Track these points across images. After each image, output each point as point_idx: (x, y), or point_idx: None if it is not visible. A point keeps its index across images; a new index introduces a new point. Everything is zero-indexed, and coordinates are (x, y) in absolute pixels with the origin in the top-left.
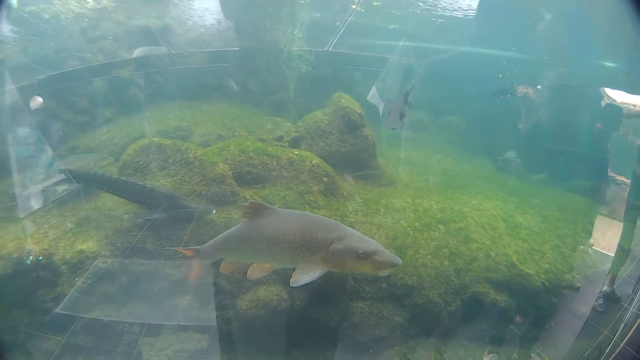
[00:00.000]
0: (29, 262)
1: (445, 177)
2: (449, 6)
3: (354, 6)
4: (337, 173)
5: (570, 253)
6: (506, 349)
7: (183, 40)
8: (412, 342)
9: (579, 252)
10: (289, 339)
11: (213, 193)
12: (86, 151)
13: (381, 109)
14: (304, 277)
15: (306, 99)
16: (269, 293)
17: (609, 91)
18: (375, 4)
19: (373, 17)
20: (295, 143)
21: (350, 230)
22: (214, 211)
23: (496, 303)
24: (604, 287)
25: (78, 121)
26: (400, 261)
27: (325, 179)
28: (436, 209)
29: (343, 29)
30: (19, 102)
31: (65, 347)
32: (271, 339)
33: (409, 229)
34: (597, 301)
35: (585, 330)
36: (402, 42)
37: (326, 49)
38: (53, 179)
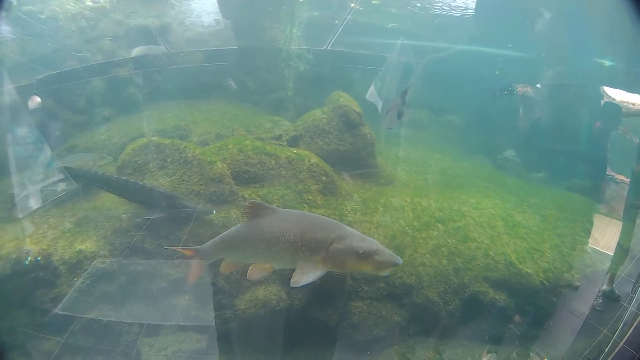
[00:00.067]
0: (27, 263)
1: (444, 176)
2: (448, 5)
3: (352, 4)
4: (336, 172)
5: (570, 252)
6: (505, 348)
7: (182, 39)
8: (411, 342)
9: (578, 251)
10: (288, 338)
11: (211, 192)
12: (85, 151)
13: (380, 107)
14: (305, 278)
15: (305, 97)
16: (268, 293)
17: (608, 90)
18: (373, 2)
19: (372, 16)
20: (294, 142)
21: (350, 230)
22: (214, 212)
23: (495, 302)
24: (603, 286)
25: (76, 121)
26: (401, 260)
27: (324, 178)
28: (435, 208)
29: (342, 28)
30: (17, 102)
31: (64, 348)
32: (270, 339)
33: (407, 228)
34: (597, 300)
35: (584, 329)
36: (401, 41)
37: (325, 47)
38: (52, 178)
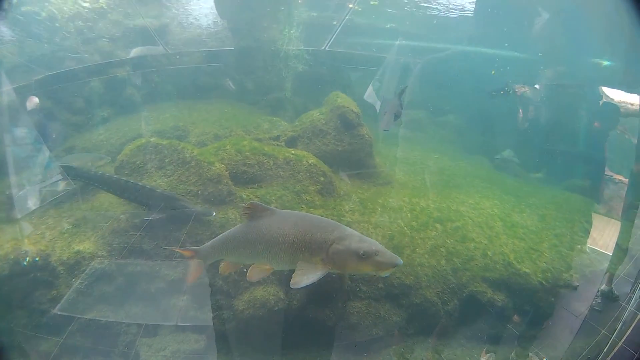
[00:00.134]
0: (25, 263)
1: (442, 176)
2: (445, 6)
3: (351, 5)
4: (334, 172)
5: (568, 252)
6: (504, 348)
7: (180, 40)
8: (410, 342)
9: (576, 251)
10: (286, 339)
11: (209, 193)
12: (83, 151)
13: (378, 108)
14: (305, 279)
15: (303, 98)
16: (266, 293)
17: (607, 90)
18: (372, 2)
19: (370, 16)
20: (292, 142)
21: (349, 231)
22: (214, 213)
23: (493, 302)
24: (602, 286)
25: (75, 121)
26: (402, 261)
27: (322, 178)
28: (433, 208)
29: (340, 28)
30: (15, 103)
31: (62, 348)
32: (268, 339)
33: (406, 228)
34: (595, 300)
35: (583, 329)
36: (399, 41)
37: (323, 48)
38: (50, 179)
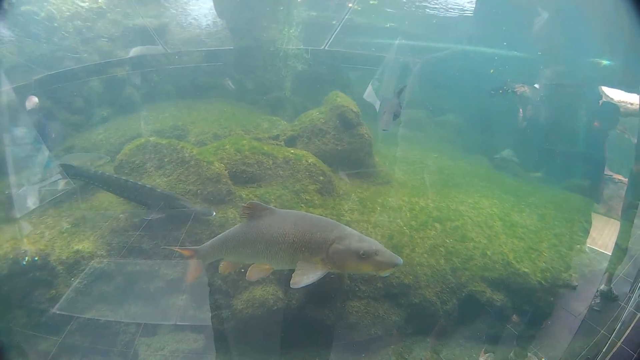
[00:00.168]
0: (25, 263)
1: (442, 175)
2: (444, 5)
3: (350, 4)
4: (333, 172)
5: (567, 252)
6: (503, 348)
7: (179, 39)
8: (409, 341)
9: (575, 250)
10: (285, 338)
11: (209, 192)
12: (82, 151)
13: (378, 107)
14: (305, 279)
15: (302, 97)
16: (265, 292)
17: (606, 90)
18: (371, 2)
19: (369, 16)
20: (292, 142)
21: (349, 230)
22: (214, 213)
23: (493, 302)
24: (601, 285)
25: (74, 121)
26: (402, 261)
27: (321, 177)
28: (432, 208)
29: (339, 28)
30: (15, 102)
31: (61, 348)
32: (267, 339)
33: (405, 227)
34: (594, 300)
35: (582, 329)
36: (399, 41)
37: (323, 47)
38: (50, 178)
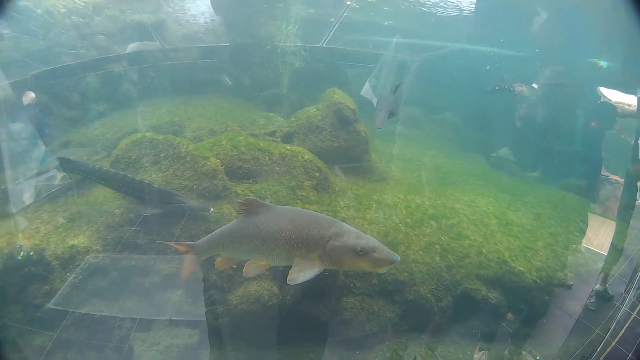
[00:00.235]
0: (20, 258)
1: (438, 173)
2: (444, 4)
3: (348, 2)
4: (329, 168)
5: (563, 251)
6: (497, 346)
7: (177, 35)
8: (403, 338)
9: (571, 250)
10: (280, 334)
11: (205, 188)
12: (79, 146)
13: (375, 104)
14: (302, 275)
15: (300, 94)
16: (260, 288)
17: (604, 90)
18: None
19: (368, 13)
20: (288, 138)
21: (346, 227)
22: (211, 209)
23: (487, 300)
24: (596, 285)
25: (71, 116)
26: (399, 258)
27: (317, 174)
28: (428, 205)
29: (337, 25)
30: (11, 98)
31: (56, 343)
32: (262, 334)
33: (400, 224)
34: (589, 299)
35: (577, 328)
36: (397, 39)
37: (320, 44)
38: (46, 173)
